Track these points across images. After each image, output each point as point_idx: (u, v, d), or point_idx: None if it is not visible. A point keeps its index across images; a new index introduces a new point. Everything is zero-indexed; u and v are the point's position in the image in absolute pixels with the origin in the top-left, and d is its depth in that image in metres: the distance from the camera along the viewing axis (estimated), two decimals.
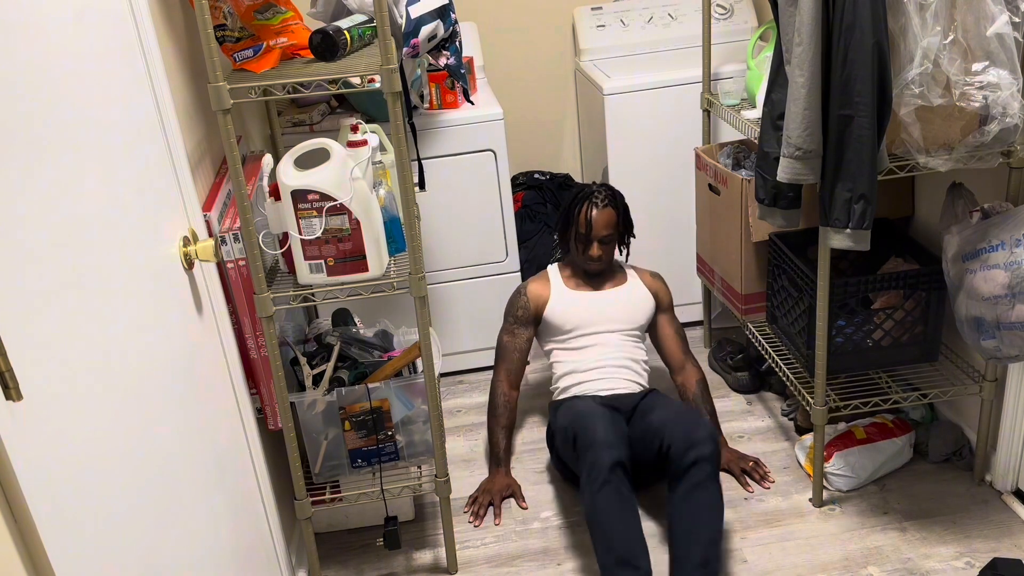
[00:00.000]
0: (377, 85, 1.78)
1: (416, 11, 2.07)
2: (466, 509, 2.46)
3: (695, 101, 2.93)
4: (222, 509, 1.67)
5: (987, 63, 1.82)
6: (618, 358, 2.51)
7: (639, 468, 2.33)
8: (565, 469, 2.51)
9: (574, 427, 2.23)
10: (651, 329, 2.66)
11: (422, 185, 2.49)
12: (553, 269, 2.66)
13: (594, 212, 2.47)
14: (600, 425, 2.16)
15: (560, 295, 2.57)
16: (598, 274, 2.60)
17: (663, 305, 2.64)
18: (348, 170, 1.84)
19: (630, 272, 2.66)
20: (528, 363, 2.67)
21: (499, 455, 2.54)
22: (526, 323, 2.58)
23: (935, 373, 2.41)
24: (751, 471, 2.49)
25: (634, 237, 2.64)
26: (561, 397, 2.51)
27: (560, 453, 2.46)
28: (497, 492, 2.48)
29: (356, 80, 2.25)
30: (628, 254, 2.68)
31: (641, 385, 2.51)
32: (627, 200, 2.61)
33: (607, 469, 2.05)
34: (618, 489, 2.06)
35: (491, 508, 2.46)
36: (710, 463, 2.08)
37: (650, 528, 2.35)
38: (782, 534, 2.28)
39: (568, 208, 2.54)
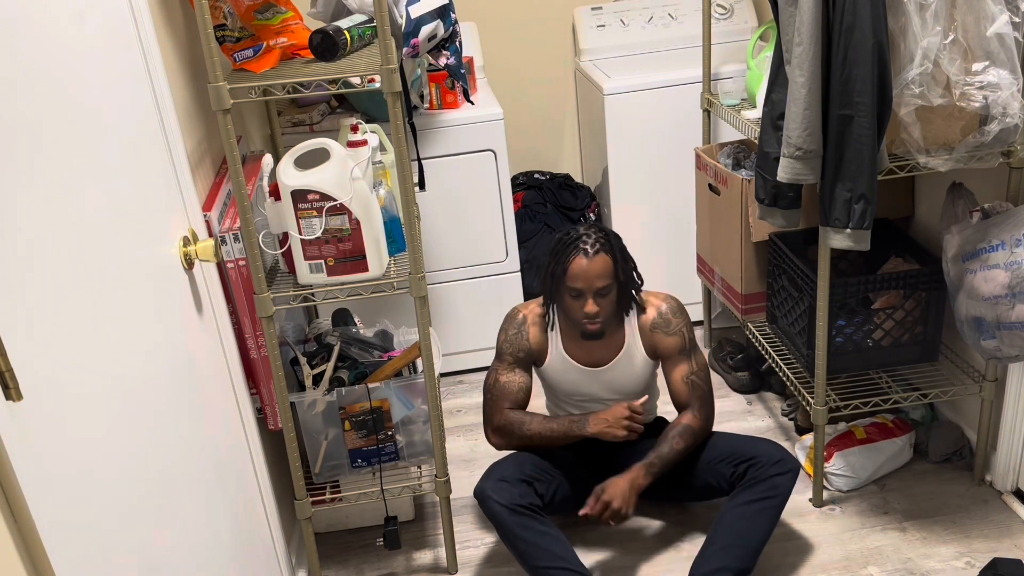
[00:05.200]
0: (377, 85, 1.78)
1: (416, 11, 2.07)
2: (622, 431, 2.10)
3: (695, 101, 2.93)
4: (222, 509, 1.67)
5: (987, 63, 1.82)
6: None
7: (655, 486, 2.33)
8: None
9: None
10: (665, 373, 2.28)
11: (422, 185, 2.49)
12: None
13: (584, 261, 2.04)
14: (487, 482, 2.08)
15: (556, 358, 2.23)
16: (599, 335, 2.16)
17: (666, 354, 2.21)
18: (348, 170, 1.84)
19: (631, 327, 2.22)
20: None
21: (573, 418, 2.15)
22: (527, 364, 2.23)
23: (935, 373, 2.41)
24: (602, 507, 2.06)
25: (642, 283, 2.19)
26: None
27: None
28: (618, 415, 2.10)
29: (356, 80, 2.25)
30: (637, 310, 2.21)
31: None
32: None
33: (500, 516, 2.04)
34: (522, 524, 2.04)
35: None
36: (789, 486, 2.10)
37: (640, 531, 2.35)
38: (782, 534, 2.28)
39: (552, 259, 2.11)
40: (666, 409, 2.47)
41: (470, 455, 2.73)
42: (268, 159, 2.11)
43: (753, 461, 2.13)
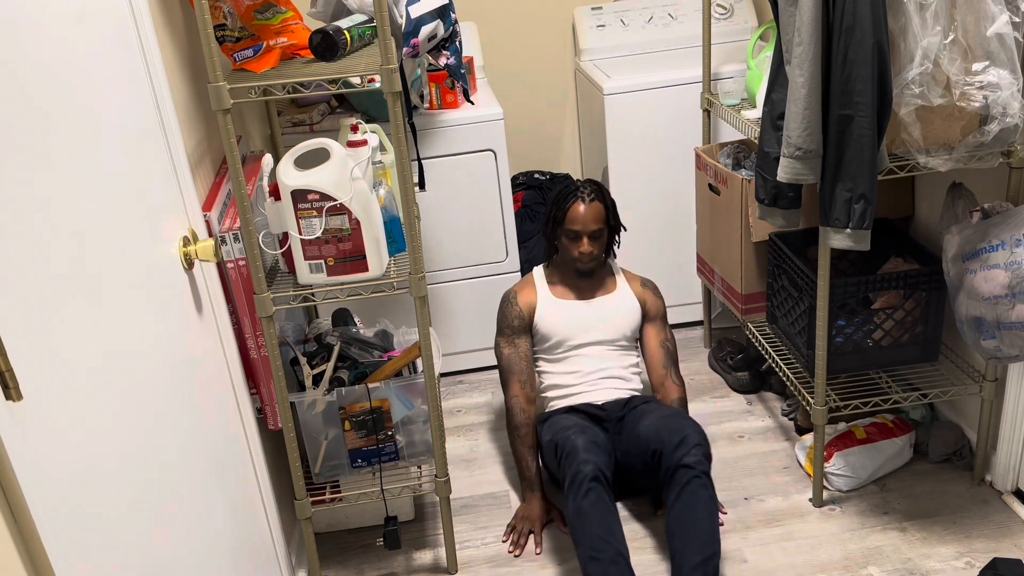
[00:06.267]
0: (377, 85, 1.78)
1: (416, 11, 2.07)
2: (504, 539, 2.35)
3: (695, 101, 2.93)
4: (222, 509, 1.67)
5: (987, 63, 1.82)
6: (603, 369, 2.48)
7: (629, 476, 2.34)
8: (554, 478, 2.49)
9: (556, 440, 2.25)
10: (639, 339, 2.58)
11: (422, 185, 2.49)
12: (539, 273, 2.59)
13: (582, 207, 2.40)
14: (580, 438, 2.17)
15: (546, 303, 2.51)
16: (588, 274, 2.51)
17: (650, 315, 2.55)
18: (348, 170, 1.84)
19: (620, 278, 2.59)
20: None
21: (531, 479, 2.41)
22: (523, 331, 2.51)
23: (935, 373, 2.41)
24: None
25: (625, 229, 2.58)
26: (547, 410, 2.51)
27: (547, 464, 2.45)
28: (537, 520, 2.35)
29: (356, 80, 2.25)
30: (616, 254, 2.61)
31: (630, 391, 2.48)
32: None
33: (588, 479, 2.08)
34: (600, 497, 2.07)
35: (531, 536, 2.34)
36: (701, 463, 2.10)
37: (640, 531, 2.35)
38: (782, 534, 2.28)
39: (554, 206, 2.46)
40: None
41: (470, 455, 2.73)
42: (268, 159, 2.11)
43: (660, 452, 2.16)
